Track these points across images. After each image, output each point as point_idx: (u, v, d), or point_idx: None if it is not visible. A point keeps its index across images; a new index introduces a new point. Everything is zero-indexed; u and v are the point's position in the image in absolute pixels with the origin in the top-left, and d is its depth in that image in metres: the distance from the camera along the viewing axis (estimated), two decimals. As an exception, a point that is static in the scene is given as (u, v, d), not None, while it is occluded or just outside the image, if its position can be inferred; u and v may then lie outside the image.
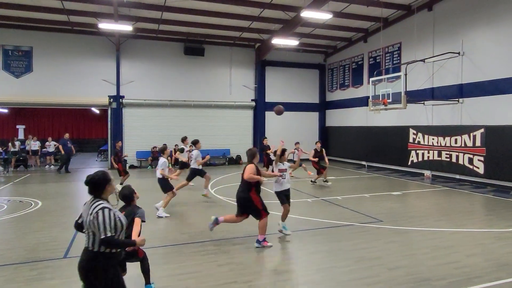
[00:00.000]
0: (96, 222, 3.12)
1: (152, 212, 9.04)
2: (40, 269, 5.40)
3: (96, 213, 3.14)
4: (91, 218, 3.16)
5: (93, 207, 3.20)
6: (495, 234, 7.13)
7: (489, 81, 12.66)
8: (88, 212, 3.22)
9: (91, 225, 3.16)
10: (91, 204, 3.24)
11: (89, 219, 3.18)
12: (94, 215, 3.15)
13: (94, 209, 3.18)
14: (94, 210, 3.16)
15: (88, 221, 3.18)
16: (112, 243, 3.17)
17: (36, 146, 19.04)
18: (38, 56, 17.89)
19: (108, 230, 3.12)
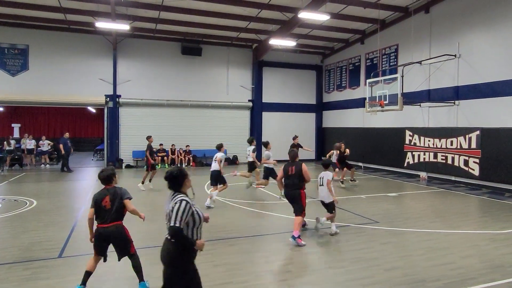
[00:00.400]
0: (171, 211, 3.27)
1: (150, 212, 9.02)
2: (34, 269, 5.36)
3: (175, 203, 3.30)
4: (170, 208, 3.30)
5: (173, 199, 3.36)
6: (490, 235, 7.17)
7: (485, 84, 12.74)
8: (168, 205, 3.39)
9: (169, 215, 3.30)
10: (172, 197, 3.40)
11: (169, 210, 3.32)
12: (173, 205, 3.30)
13: (174, 200, 3.34)
14: (173, 201, 3.33)
15: (168, 211, 3.33)
16: (178, 234, 3.25)
17: (32, 145, 18.93)
18: (34, 55, 17.80)
19: (178, 220, 3.23)
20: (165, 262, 3.36)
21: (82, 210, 9.24)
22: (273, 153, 21.89)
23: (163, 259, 3.37)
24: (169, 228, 3.28)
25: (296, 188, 7.01)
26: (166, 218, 3.36)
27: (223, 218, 8.56)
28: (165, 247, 3.35)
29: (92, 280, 5.01)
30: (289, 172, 7.09)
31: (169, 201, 3.41)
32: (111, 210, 4.65)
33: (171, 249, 3.31)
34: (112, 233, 4.66)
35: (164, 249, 3.35)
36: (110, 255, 4.85)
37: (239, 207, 9.71)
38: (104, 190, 4.72)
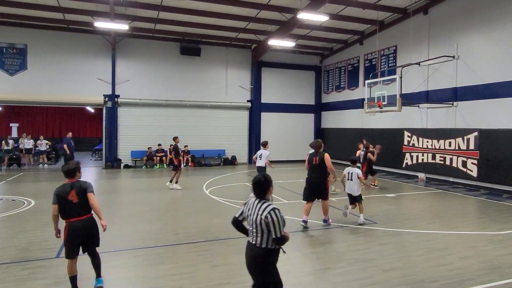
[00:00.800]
0: (270, 223, 3.36)
1: (149, 212, 9.00)
2: (32, 269, 5.35)
3: (269, 213, 3.38)
4: (262, 217, 3.38)
5: (263, 208, 3.43)
6: (488, 236, 7.19)
7: (483, 85, 12.77)
8: (255, 211, 3.46)
9: (262, 224, 3.39)
10: (259, 204, 3.48)
11: (259, 218, 3.40)
12: (267, 215, 3.37)
13: (265, 209, 3.40)
14: (266, 211, 3.39)
15: (259, 220, 3.40)
16: (283, 241, 3.45)
17: (30, 145, 18.89)
18: (33, 54, 17.75)
19: (280, 230, 3.39)
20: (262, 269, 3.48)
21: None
22: (273, 153, 21.99)
23: (259, 266, 3.48)
24: (275, 239, 3.40)
25: (320, 176, 7.64)
26: (251, 224, 3.50)
27: (221, 219, 8.55)
28: (259, 254, 3.47)
29: (89, 280, 5.00)
30: (313, 162, 7.66)
31: (254, 207, 3.51)
32: (80, 204, 4.61)
33: (266, 257, 3.48)
34: (88, 225, 4.66)
35: (258, 256, 3.47)
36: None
37: (237, 207, 9.68)
38: (67, 185, 4.66)
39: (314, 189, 7.70)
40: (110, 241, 6.77)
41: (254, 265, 3.51)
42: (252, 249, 3.52)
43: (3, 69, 17.41)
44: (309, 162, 7.84)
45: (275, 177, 15.87)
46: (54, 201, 4.60)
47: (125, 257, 5.99)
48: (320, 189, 7.68)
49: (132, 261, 5.82)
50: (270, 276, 3.51)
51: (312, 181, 7.72)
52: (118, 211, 9.36)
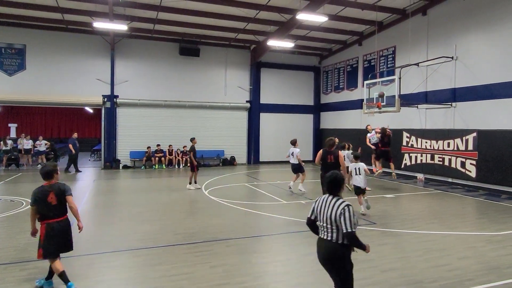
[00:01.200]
0: (343, 217, 3.48)
1: (148, 213, 8.99)
2: (30, 269, 5.34)
3: (343, 209, 3.51)
4: (337, 213, 3.52)
5: (338, 204, 3.57)
6: (486, 237, 7.20)
7: (482, 86, 12.80)
8: (329, 207, 3.59)
9: (337, 220, 3.51)
10: (333, 200, 3.62)
11: (334, 214, 3.53)
12: (341, 211, 3.52)
13: (340, 206, 3.55)
14: (341, 207, 3.53)
15: (333, 216, 3.53)
16: (353, 237, 3.52)
17: (29, 145, 18.85)
18: (32, 54, 17.73)
19: (352, 225, 3.49)
20: (339, 265, 3.61)
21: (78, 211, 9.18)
22: (271, 153, 22.10)
23: (337, 261, 3.60)
24: (347, 235, 3.50)
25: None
26: (325, 221, 3.61)
27: (220, 219, 8.55)
28: (333, 251, 3.59)
29: (88, 280, 5.00)
30: (327, 159, 8.07)
31: (327, 204, 3.63)
32: (59, 206, 4.70)
33: (343, 253, 3.59)
34: (64, 226, 4.76)
35: (336, 251, 3.58)
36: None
37: (236, 207, 9.70)
38: (46, 187, 4.73)
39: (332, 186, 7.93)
40: (109, 241, 6.77)
41: (331, 261, 3.62)
42: (328, 245, 3.61)
43: (2, 69, 17.38)
44: (323, 160, 8.17)
45: (275, 177, 15.97)
46: (33, 203, 4.67)
47: (124, 258, 5.99)
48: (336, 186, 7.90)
49: (131, 261, 5.81)
50: (347, 272, 3.64)
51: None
52: (117, 211, 9.34)
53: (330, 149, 8.14)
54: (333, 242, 3.59)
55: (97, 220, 8.54)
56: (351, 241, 3.54)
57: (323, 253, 3.67)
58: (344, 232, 3.50)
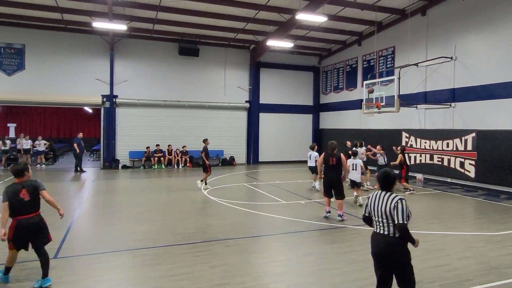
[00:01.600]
0: (396, 210, 3.66)
1: (147, 213, 8.99)
2: (29, 270, 5.33)
3: (397, 202, 3.69)
4: (391, 207, 3.69)
5: (391, 198, 3.74)
6: (485, 237, 7.21)
7: (481, 86, 12.82)
8: (383, 202, 3.77)
9: (392, 214, 3.67)
10: (386, 195, 3.80)
11: (389, 208, 3.70)
12: (395, 204, 3.69)
13: (393, 199, 3.72)
14: (394, 200, 3.71)
15: (388, 210, 3.70)
16: (405, 229, 3.64)
17: (28, 145, 18.82)
18: (31, 54, 17.71)
19: (404, 218, 3.64)
20: (399, 259, 3.71)
21: (78, 211, 9.19)
22: (271, 153, 22.10)
23: (395, 253, 3.70)
24: (398, 226, 3.65)
25: (337, 175, 8.35)
26: (380, 216, 3.78)
27: (219, 219, 8.54)
28: (392, 244, 3.70)
29: (87, 280, 4.99)
30: (329, 162, 8.36)
31: (381, 200, 3.82)
32: (30, 202, 4.79)
33: (402, 246, 3.71)
34: (36, 223, 4.82)
35: (393, 244, 3.70)
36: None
37: (236, 208, 9.69)
38: (18, 184, 4.83)
39: (332, 186, 8.42)
40: (109, 241, 6.77)
41: (388, 253, 3.73)
42: (384, 240, 3.75)
43: (1, 69, 17.35)
44: (325, 162, 8.46)
45: (274, 177, 15.93)
46: (4, 199, 4.73)
47: (124, 258, 5.98)
48: (336, 187, 8.38)
49: (131, 261, 5.81)
50: (406, 265, 3.72)
51: (330, 179, 8.43)
52: (116, 211, 9.34)
53: (332, 152, 8.39)
54: (390, 236, 3.73)
55: (96, 220, 8.53)
56: (402, 232, 3.65)
57: (380, 247, 3.78)
58: (396, 224, 3.65)
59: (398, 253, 3.71)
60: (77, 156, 17.02)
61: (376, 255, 3.84)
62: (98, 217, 8.85)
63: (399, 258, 3.71)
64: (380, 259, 3.81)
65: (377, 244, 3.82)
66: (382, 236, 3.77)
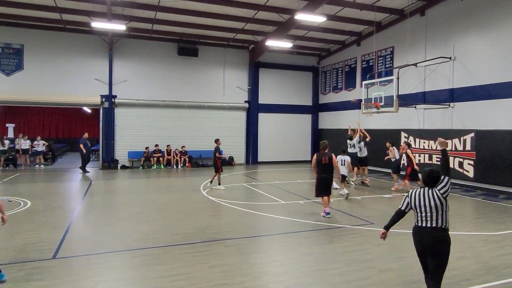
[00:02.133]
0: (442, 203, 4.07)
1: (146, 213, 8.99)
2: (28, 270, 5.32)
3: (442, 195, 4.09)
4: (438, 202, 4.06)
5: (435, 193, 4.10)
6: (484, 237, 7.22)
7: (480, 86, 12.84)
8: (429, 197, 4.10)
9: (442, 204, 4.07)
10: (430, 191, 4.13)
11: (438, 201, 4.07)
12: (443, 197, 4.08)
13: (438, 193, 4.10)
14: (438, 195, 4.08)
15: (438, 203, 4.07)
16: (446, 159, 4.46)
17: (27, 145, 18.77)
18: (29, 54, 17.68)
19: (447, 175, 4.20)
20: (443, 249, 4.05)
21: (77, 211, 9.19)
22: (270, 153, 22.11)
23: (441, 246, 4.04)
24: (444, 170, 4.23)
25: (330, 173, 8.66)
26: (428, 211, 4.08)
27: (218, 219, 8.54)
28: (439, 236, 4.05)
29: (86, 281, 4.99)
30: (322, 161, 8.59)
31: (428, 196, 4.12)
32: None
33: (448, 237, 4.08)
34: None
35: (442, 235, 4.06)
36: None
37: (235, 208, 9.69)
38: None
39: (327, 186, 8.67)
40: (107, 241, 6.76)
41: (438, 244, 4.03)
42: (433, 231, 4.05)
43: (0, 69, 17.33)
44: (318, 162, 8.63)
45: (273, 177, 15.93)
46: None
47: (123, 258, 5.98)
48: (329, 185, 8.72)
49: (130, 262, 5.81)
50: (447, 254, 4.06)
51: (324, 179, 8.66)
52: (115, 212, 9.33)
53: (324, 152, 8.66)
54: (438, 227, 4.04)
55: (95, 221, 8.52)
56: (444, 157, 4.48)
57: (429, 238, 4.06)
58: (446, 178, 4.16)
59: (445, 243, 4.05)
60: (84, 157, 17.03)
61: (423, 246, 4.11)
62: (97, 217, 8.85)
63: (443, 246, 4.05)
64: (427, 249, 4.08)
65: (424, 237, 4.10)
66: (430, 229, 4.06)
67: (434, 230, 4.05)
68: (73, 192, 12.34)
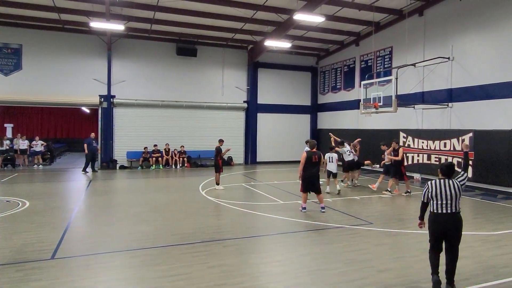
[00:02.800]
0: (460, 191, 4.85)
1: (145, 213, 8.98)
2: (26, 270, 5.31)
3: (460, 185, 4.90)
4: (457, 190, 4.82)
5: (454, 181, 4.87)
6: (482, 237, 7.24)
7: (478, 86, 12.87)
8: (449, 187, 4.81)
9: (458, 194, 4.82)
10: (449, 181, 4.85)
11: (458, 190, 4.83)
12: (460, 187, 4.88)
13: (457, 183, 4.89)
14: (457, 184, 4.87)
15: (458, 192, 4.82)
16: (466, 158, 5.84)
17: (25, 145, 18.73)
18: (28, 54, 17.65)
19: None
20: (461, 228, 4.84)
21: (75, 211, 9.17)
22: (269, 153, 22.11)
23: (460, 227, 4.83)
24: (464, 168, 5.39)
25: (317, 171, 9.10)
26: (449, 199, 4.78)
27: (217, 219, 8.54)
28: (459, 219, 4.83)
29: (85, 281, 4.98)
30: (312, 159, 9.01)
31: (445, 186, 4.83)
32: None
33: (462, 218, 4.86)
34: None
35: (460, 218, 4.84)
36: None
37: (234, 208, 9.69)
38: None
39: (313, 182, 9.01)
40: (106, 242, 6.75)
41: (458, 226, 4.82)
42: (453, 216, 4.80)
43: (-2, 69, 17.30)
44: (308, 160, 8.97)
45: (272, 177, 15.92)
46: None
47: (121, 258, 5.97)
48: (315, 182, 9.04)
49: (128, 262, 5.80)
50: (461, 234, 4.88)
51: (313, 175, 9.01)
52: (114, 212, 9.32)
53: (313, 150, 9.17)
54: (457, 212, 4.81)
55: (94, 221, 8.51)
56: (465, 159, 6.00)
57: (450, 223, 4.79)
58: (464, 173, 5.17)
59: (461, 223, 4.82)
60: (86, 157, 17.02)
61: (445, 228, 4.79)
62: (95, 217, 8.83)
63: (460, 228, 4.81)
64: (449, 230, 4.79)
65: (445, 222, 4.78)
66: (451, 215, 4.78)
67: (454, 215, 4.79)
68: (72, 192, 12.32)
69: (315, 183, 9.03)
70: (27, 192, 11.70)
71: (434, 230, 4.88)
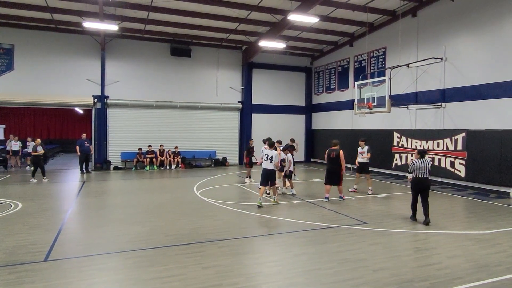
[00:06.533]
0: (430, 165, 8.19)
1: (140, 214, 8.93)
2: (19, 273, 5.26)
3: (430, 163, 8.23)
4: (428, 165, 8.14)
5: (427, 160, 8.10)
6: (475, 236, 7.30)
7: (471, 86, 12.99)
8: (426, 163, 8.07)
9: (429, 167, 8.14)
10: (425, 160, 8.05)
11: (429, 164, 8.23)
12: (430, 161, 8.49)
13: (428, 161, 8.11)
14: (429, 162, 8.10)
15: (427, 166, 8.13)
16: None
17: (17, 146, 18.55)
18: (20, 54, 17.49)
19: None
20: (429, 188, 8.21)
21: (69, 213, 9.10)
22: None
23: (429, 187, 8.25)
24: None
25: (336, 166, 10.55)
26: (425, 169, 8.07)
27: (212, 220, 8.53)
28: (429, 181, 8.18)
29: (79, 283, 4.95)
30: (331, 156, 10.66)
31: (424, 162, 8.08)
32: None
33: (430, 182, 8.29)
34: None
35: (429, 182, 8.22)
36: None
37: (228, 208, 9.68)
38: None
39: (332, 176, 10.64)
40: (100, 243, 6.71)
41: (428, 185, 8.09)
42: (427, 180, 8.07)
43: (-10, 70, 17.11)
44: (328, 156, 10.70)
45: (266, 178, 15.62)
46: None
47: (115, 260, 5.94)
48: (337, 176, 10.59)
49: (122, 263, 5.77)
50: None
51: (331, 170, 10.64)
52: (108, 213, 9.27)
53: (332, 148, 10.71)
54: (427, 178, 8.03)
55: (87, 222, 8.45)
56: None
57: (425, 183, 8.06)
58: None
59: (430, 184, 8.17)
60: (79, 158, 16.92)
61: (421, 188, 8.08)
62: (89, 219, 8.77)
63: (429, 187, 8.15)
64: (422, 189, 8.07)
65: (423, 183, 8.04)
66: (425, 179, 8.03)
67: (427, 179, 8.05)
68: (65, 194, 12.22)
69: (333, 177, 10.65)
70: (19, 193, 11.59)
71: (415, 188, 8.16)
